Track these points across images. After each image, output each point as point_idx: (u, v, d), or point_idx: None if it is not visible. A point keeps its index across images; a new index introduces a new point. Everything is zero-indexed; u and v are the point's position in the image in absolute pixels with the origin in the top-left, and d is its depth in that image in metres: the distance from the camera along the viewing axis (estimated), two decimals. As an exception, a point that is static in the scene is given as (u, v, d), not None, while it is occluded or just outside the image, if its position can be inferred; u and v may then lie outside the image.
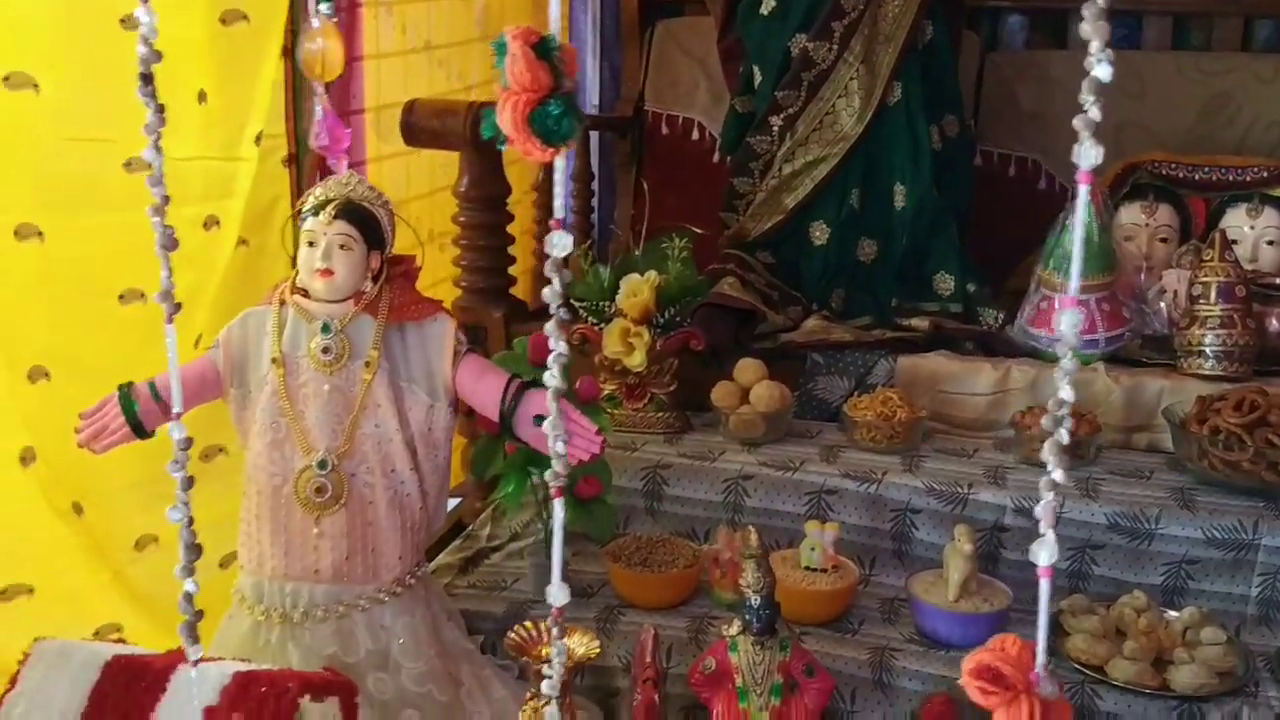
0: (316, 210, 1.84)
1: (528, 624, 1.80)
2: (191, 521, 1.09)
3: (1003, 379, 2.59)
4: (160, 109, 1.24)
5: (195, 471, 2.43)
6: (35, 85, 2.09)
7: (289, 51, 2.49)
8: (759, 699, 1.80)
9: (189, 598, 1.11)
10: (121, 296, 2.30)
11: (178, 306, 1.08)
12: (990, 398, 2.59)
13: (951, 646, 2.06)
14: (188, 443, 1.11)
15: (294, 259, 2.46)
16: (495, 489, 2.47)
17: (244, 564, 1.95)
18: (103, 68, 2.18)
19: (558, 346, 0.88)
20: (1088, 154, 0.81)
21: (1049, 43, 3.73)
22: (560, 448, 0.92)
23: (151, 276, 2.29)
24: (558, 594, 0.92)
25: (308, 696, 1.47)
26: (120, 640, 2.15)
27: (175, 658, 1.59)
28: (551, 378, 0.88)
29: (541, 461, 2.12)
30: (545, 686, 0.95)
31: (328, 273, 1.83)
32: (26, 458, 2.04)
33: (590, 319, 2.55)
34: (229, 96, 2.43)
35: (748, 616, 1.79)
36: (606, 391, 2.51)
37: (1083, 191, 0.86)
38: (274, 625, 1.89)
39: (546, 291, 0.88)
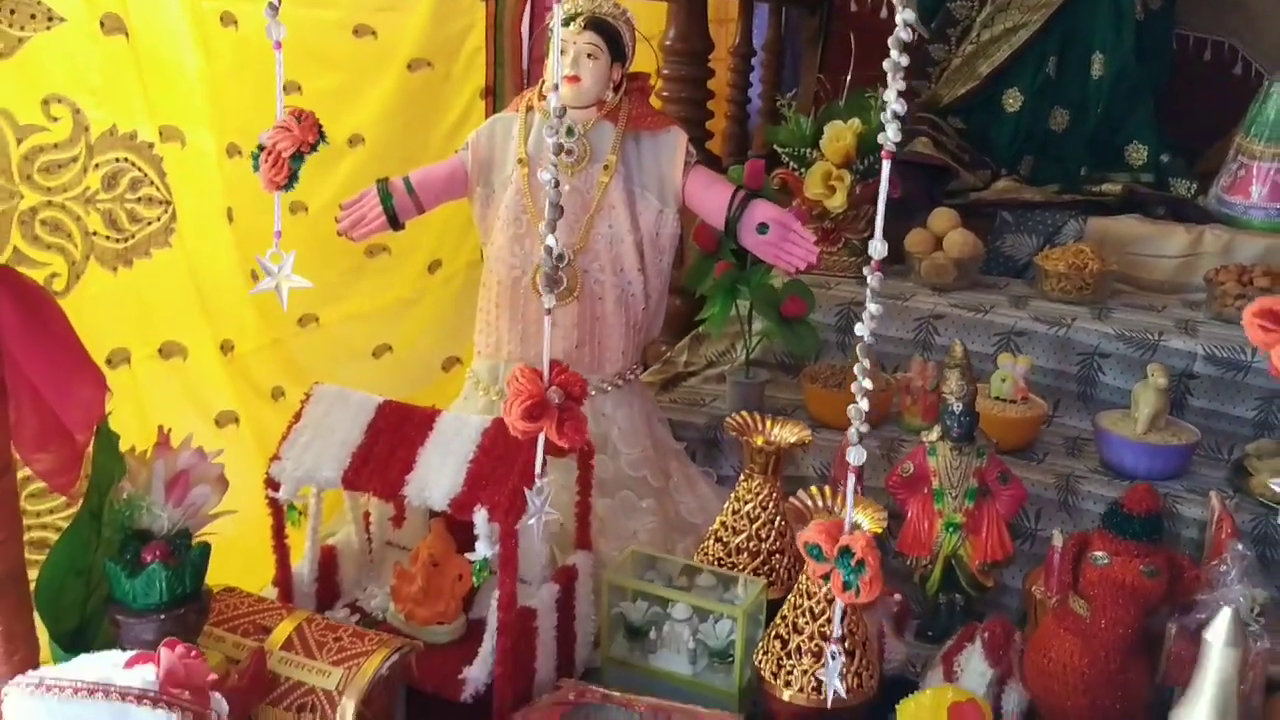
0: (567, 21, 1.96)
1: (744, 413, 1.93)
2: (560, 201, 1.23)
3: (1195, 242, 2.62)
4: None
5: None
6: None
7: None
8: (954, 501, 1.90)
9: (550, 250, 1.26)
10: (299, 88, 2.28)
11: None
12: (1181, 260, 2.63)
13: (1136, 478, 2.12)
14: (559, 148, 1.25)
15: (486, 87, 2.60)
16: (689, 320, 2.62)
17: (481, 350, 2.12)
18: None
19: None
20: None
21: (1254, -77, 3.64)
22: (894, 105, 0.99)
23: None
24: (878, 247, 1.03)
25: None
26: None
27: (436, 411, 1.76)
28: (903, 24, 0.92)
29: (750, 281, 2.25)
30: (858, 351, 1.06)
31: (574, 79, 1.96)
32: (229, 217, 2.14)
33: (791, 164, 2.64)
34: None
35: (948, 422, 1.88)
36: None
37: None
38: (507, 405, 2.06)
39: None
